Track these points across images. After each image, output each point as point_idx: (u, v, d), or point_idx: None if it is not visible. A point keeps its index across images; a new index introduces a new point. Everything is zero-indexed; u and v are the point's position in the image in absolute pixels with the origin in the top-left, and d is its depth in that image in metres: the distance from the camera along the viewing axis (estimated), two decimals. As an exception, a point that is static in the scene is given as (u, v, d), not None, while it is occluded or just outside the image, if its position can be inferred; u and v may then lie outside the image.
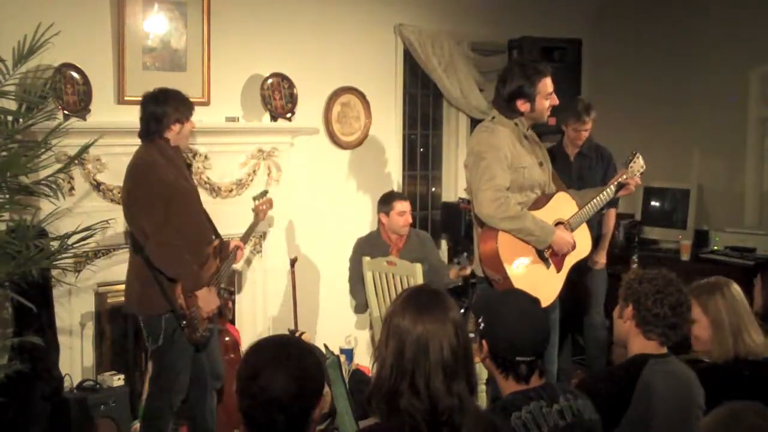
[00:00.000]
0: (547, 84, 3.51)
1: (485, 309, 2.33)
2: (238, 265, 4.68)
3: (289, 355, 1.89)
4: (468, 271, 4.97)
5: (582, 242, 3.65)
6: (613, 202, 4.86)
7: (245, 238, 4.22)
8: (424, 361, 1.86)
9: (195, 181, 3.98)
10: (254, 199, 4.36)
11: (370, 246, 4.92)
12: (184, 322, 3.65)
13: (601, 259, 4.96)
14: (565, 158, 4.97)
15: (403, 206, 4.88)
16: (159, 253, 3.59)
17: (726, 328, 2.82)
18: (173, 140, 3.69)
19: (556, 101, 3.58)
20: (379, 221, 4.98)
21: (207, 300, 3.69)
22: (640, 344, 2.61)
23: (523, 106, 3.50)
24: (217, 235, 3.93)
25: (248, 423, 1.88)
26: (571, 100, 5.02)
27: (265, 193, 4.43)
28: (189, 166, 3.90)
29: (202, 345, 3.81)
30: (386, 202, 4.94)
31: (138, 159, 3.69)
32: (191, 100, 3.83)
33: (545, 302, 2.89)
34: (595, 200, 3.68)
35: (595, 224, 4.87)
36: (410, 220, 4.93)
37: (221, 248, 3.91)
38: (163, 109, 3.64)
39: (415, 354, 1.87)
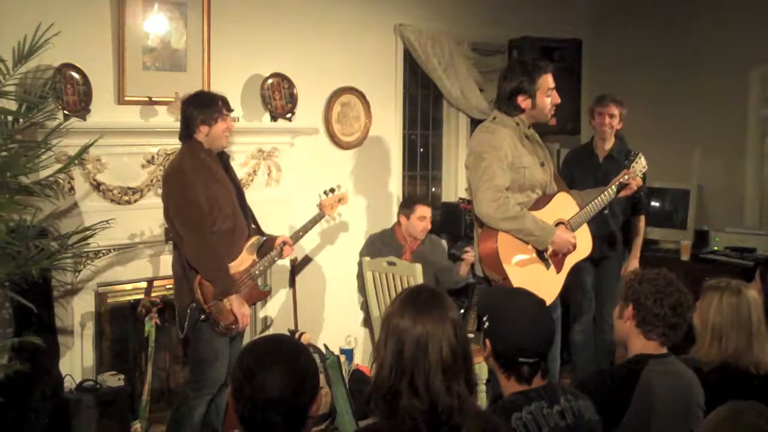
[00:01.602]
0: (547, 80, 3.52)
1: (490, 308, 2.33)
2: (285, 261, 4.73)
3: (282, 355, 1.88)
4: (471, 256, 4.89)
5: (582, 242, 3.65)
6: (641, 209, 4.84)
7: (297, 235, 4.18)
8: (423, 361, 1.86)
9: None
10: (324, 193, 4.32)
11: (383, 244, 4.93)
12: (203, 316, 3.71)
13: (634, 267, 4.87)
14: (593, 159, 4.94)
15: (424, 211, 4.91)
16: (192, 256, 3.69)
17: (707, 328, 2.82)
18: (205, 142, 3.75)
19: (558, 99, 3.57)
20: (398, 222, 4.99)
21: (239, 305, 3.73)
22: (640, 344, 2.61)
23: (524, 102, 3.50)
24: (260, 231, 3.98)
25: (245, 425, 1.87)
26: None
27: (337, 188, 4.36)
28: (227, 168, 3.91)
29: (236, 335, 3.87)
30: (408, 204, 4.98)
31: (170, 167, 3.86)
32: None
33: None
34: (596, 200, 3.68)
35: (617, 230, 4.86)
36: (429, 227, 4.94)
37: (263, 244, 3.94)
38: (189, 112, 3.74)
39: (415, 354, 1.87)
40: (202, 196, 3.66)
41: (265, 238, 3.99)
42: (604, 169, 4.84)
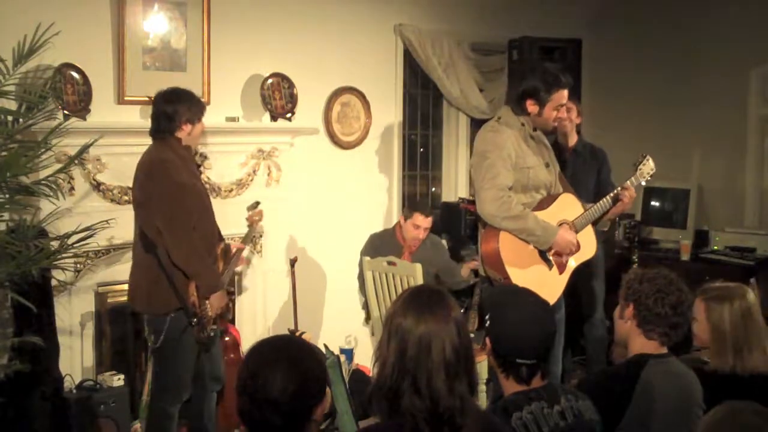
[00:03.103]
0: (562, 95, 3.51)
1: (493, 307, 2.33)
2: (240, 267, 4.71)
3: (290, 356, 1.89)
4: (478, 263, 4.91)
5: (587, 243, 3.63)
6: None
7: (245, 242, 4.22)
8: (426, 361, 1.85)
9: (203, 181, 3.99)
10: (247, 209, 4.36)
11: (382, 243, 4.91)
12: (195, 320, 3.63)
13: None
14: (559, 157, 4.94)
15: (420, 221, 4.83)
16: (179, 251, 3.55)
17: (727, 341, 2.78)
18: (184, 140, 3.69)
19: (564, 115, 3.61)
20: (398, 222, 4.98)
21: (218, 298, 3.70)
22: (640, 344, 2.61)
23: (532, 107, 3.50)
24: (221, 238, 3.94)
25: (245, 421, 1.88)
26: None
27: (256, 204, 4.36)
28: (198, 166, 3.91)
29: (209, 344, 3.81)
30: (410, 208, 4.93)
31: (152, 156, 3.65)
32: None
33: (547, 303, 2.89)
34: (600, 202, 3.67)
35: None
36: (422, 237, 4.87)
37: (226, 250, 3.92)
38: (175, 108, 3.63)
39: (417, 353, 1.86)
40: (186, 192, 3.59)
41: (227, 246, 3.96)
42: (571, 166, 4.83)
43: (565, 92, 3.52)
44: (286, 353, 1.89)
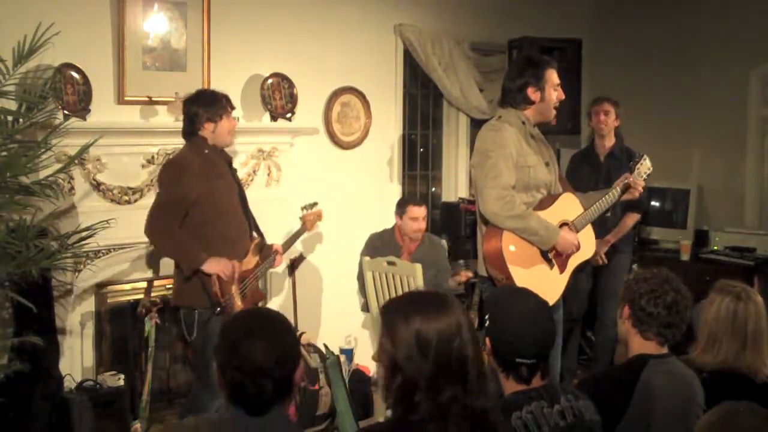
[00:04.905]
0: (553, 74, 3.56)
1: (493, 306, 2.33)
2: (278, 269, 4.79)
3: (265, 325, 1.99)
4: (462, 278, 5.00)
5: (586, 243, 3.63)
6: (637, 206, 4.85)
7: (287, 245, 4.26)
8: (434, 360, 1.85)
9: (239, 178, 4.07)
10: (303, 208, 4.44)
11: (382, 243, 4.92)
12: (219, 309, 3.68)
13: (601, 251, 4.90)
14: (595, 159, 5.05)
15: (416, 212, 4.86)
16: (155, 242, 3.77)
17: (705, 331, 2.80)
18: (210, 139, 3.80)
19: (563, 96, 3.61)
20: (396, 223, 4.99)
21: (212, 264, 3.69)
22: (639, 344, 2.60)
23: (534, 94, 3.51)
24: (260, 234, 4.00)
25: (237, 394, 1.95)
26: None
27: (314, 204, 4.50)
28: (230, 164, 3.96)
29: None
30: (402, 205, 4.96)
31: (171, 158, 3.92)
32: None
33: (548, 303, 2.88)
34: (599, 202, 3.67)
35: (611, 226, 4.89)
36: (423, 227, 4.91)
37: (263, 247, 3.98)
38: (194, 110, 3.78)
39: (426, 352, 1.86)
40: (194, 190, 3.65)
41: (264, 242, 4.01)
42: (606, 168, 4.94)
43: (555, 72, 3.57)
44: (257, 324, 1.99)
